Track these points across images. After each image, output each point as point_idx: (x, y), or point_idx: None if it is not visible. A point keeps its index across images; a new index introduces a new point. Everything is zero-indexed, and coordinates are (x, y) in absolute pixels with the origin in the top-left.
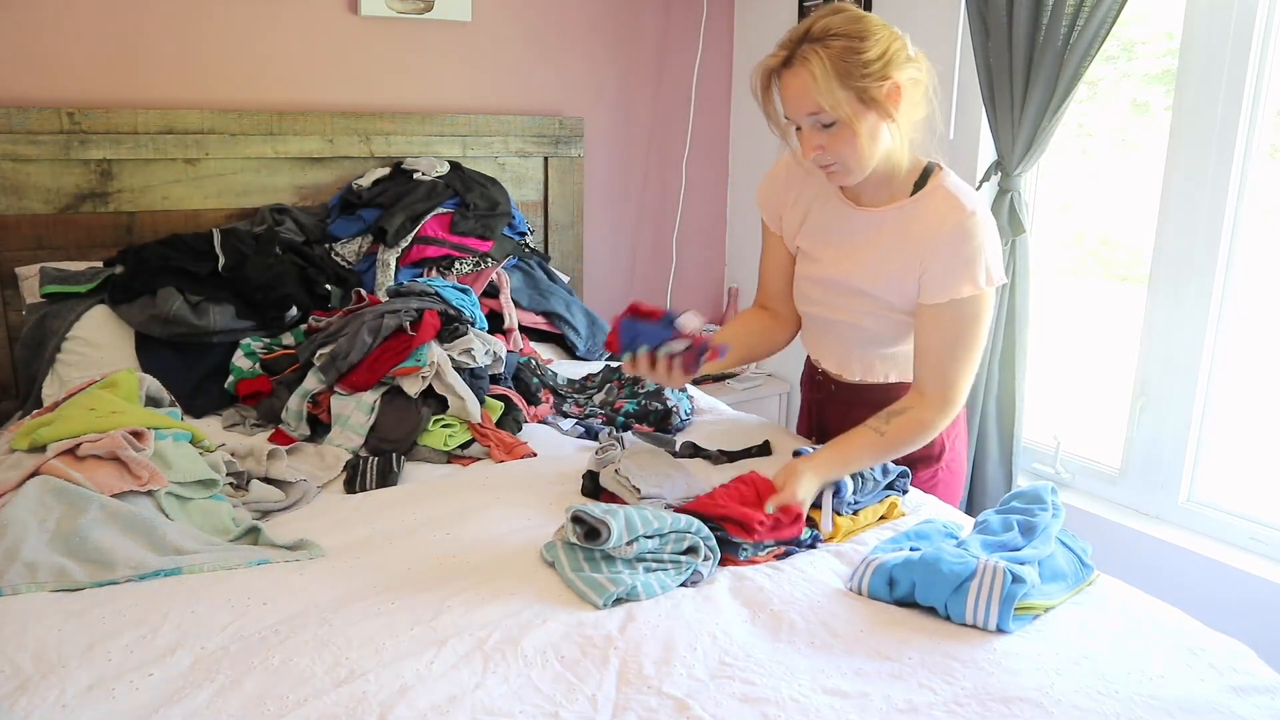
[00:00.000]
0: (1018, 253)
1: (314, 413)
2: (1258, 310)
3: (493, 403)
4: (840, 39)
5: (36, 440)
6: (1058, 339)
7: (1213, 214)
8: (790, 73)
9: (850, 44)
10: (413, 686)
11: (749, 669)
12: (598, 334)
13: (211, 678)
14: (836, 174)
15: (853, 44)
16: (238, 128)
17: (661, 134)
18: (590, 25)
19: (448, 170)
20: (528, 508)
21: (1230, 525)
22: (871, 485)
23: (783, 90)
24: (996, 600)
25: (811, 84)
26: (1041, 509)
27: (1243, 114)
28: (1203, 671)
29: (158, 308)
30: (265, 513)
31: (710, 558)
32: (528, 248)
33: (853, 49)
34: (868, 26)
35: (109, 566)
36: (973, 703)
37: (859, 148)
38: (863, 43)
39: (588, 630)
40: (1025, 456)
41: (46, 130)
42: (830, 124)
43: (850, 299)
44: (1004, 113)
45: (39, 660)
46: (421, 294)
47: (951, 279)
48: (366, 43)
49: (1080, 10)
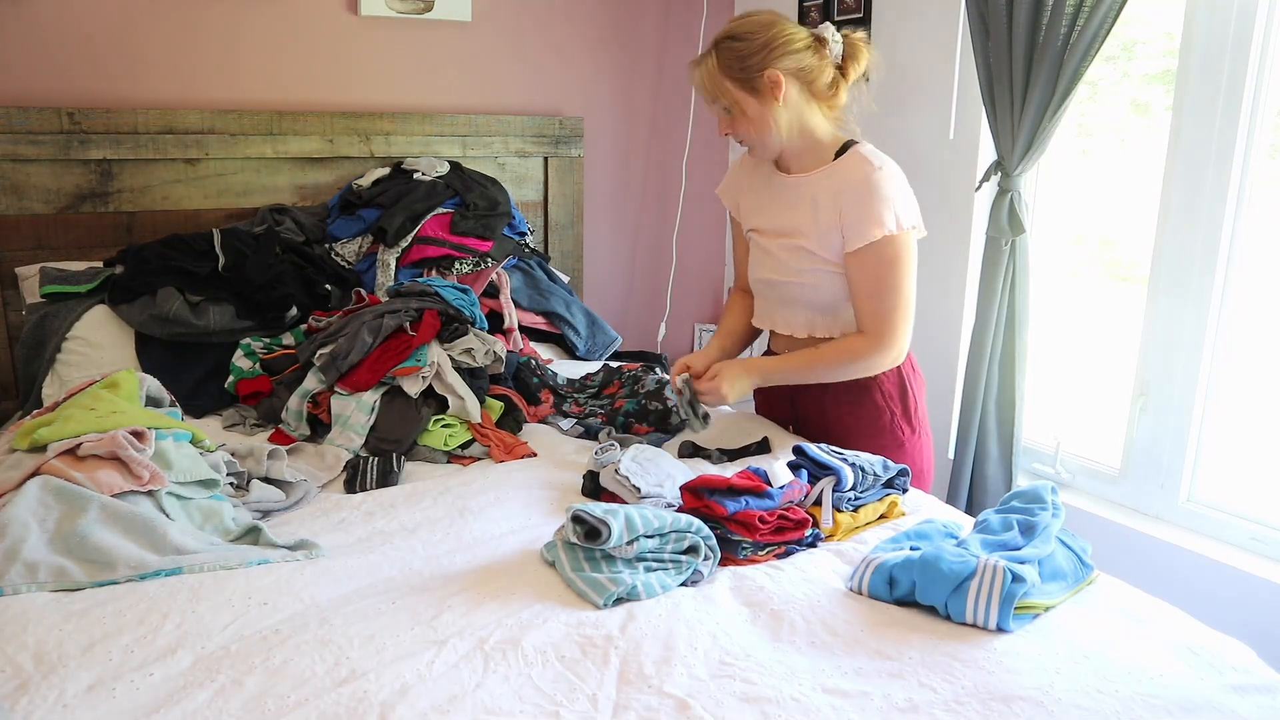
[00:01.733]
0: (1018, 253)
1: (314, 413)
2: (1258, 310)
3: (493, 403)
4: (729, 40)
5: (37, 440)
6: (1058, 339)
7: (1213, 214)
8: (694, 71)
9: (734, 44)
10: (413, 686)
11: (749, 668)
12: (598, 334)
13: (212, 677)
14: (755, 151)
15: (735, 44)
16: (238, 128)
17: (661, 134)
18: (590, 25)
19: (448, 170)
20: (528, 507)
21: (1230, 525)
22: (871, 481)
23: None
24: (997, 599)
25: (706, 78)
26: (1042, 508)
27: (1243, 114)
28: (1203, 671)
29: (158, 308)
30: (266, 513)
31: (711, 557)
32: (528, 248)
33: (734, 49)
34: (752, 28)
35: (109, 566)
36: (973, 702)
37: (756, 127)
38: (742, 43)
39: (588, 630)
40: (1025, 456)
41: (46, 130)
42: (728, 109)
43: (791, 256)
44: (1004, 113)
45: (40, 660)
46: (421, 294)
47: (865, 224)
48: (366, 43)
49: (1080, 10)
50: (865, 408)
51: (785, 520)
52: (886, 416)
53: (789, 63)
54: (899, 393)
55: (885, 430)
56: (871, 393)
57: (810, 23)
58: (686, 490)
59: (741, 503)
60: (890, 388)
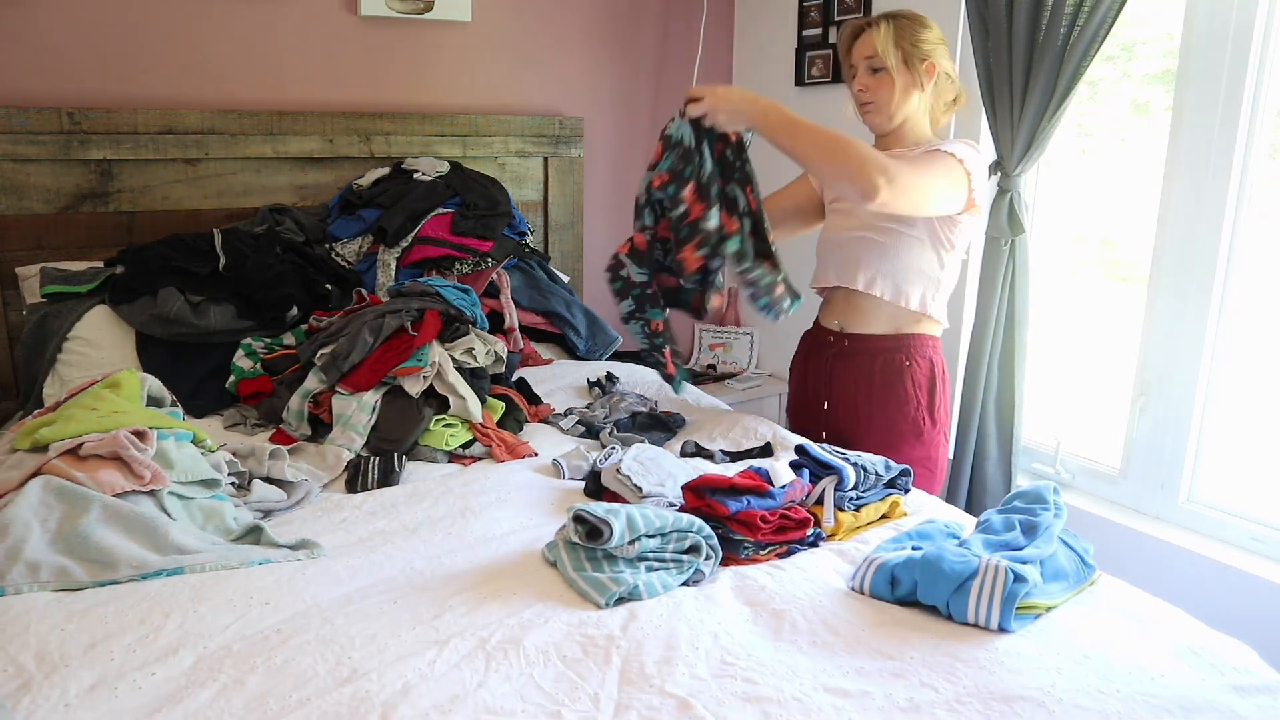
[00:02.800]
0: (1017, 253)
1: (315, 412)
2: (1257, 310)
3: (494, 402)
4: (906, 19)
5: (38, 440)
6: (1058, 339)
7: (1213, 214)
8: (867, 29)
9: (912, 24)
10: (415, 686)
11: (751, 668)
12: (598, 334)
13: (214, 677)
14: (870, 113)
15: (914, 24)
16: (238, 128)
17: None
18: (590, 25)
19: (448, 170)
20: (529, 507)
21: (1230, 525)
22: (873, 481)
23: (857, 41)
24: (998, 599)
25: (876, 36)
26: (1044, 509)
27: (1243, 114)
28: (1204, 671)
29: (158, 308)
30: (267, 512)
31: (712, 557)
32: (528, 248)
33: (913, 26)
34: (928, 22)
35: (111, 566)
36: (974, 701)
37: (891, 94)
38: (922, 28)
39: (590, 629)
40: (1025, 456)
41: (46, 130)
42: (878, 69)
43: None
44: (1004, 113)
45: (41, 659)
46: (422, 294)
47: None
48: (366, 43)
49: (1080, 10)
50: (896, 392)
51: (787, 520)
52: (913, 404)
53: (945, 64)
54: (928, 384)
55: (909, 417)
56: (904, 380)
57: (810, 22)
58: (688, 490)
59: (743, 502)
60: (921, 378)
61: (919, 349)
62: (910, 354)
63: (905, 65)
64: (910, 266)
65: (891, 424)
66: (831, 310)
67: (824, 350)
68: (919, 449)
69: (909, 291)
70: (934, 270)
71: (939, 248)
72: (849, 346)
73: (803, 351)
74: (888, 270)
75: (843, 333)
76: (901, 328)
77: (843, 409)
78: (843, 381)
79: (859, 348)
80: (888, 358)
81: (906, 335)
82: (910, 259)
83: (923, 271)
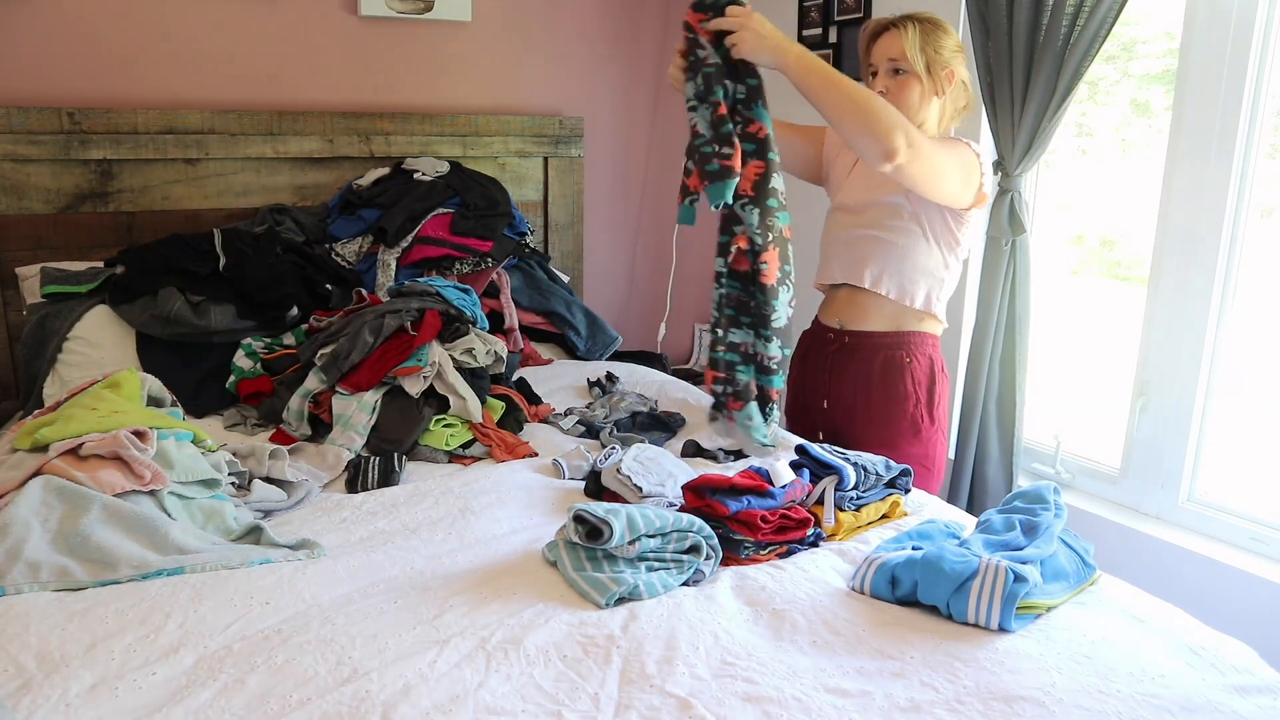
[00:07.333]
0: (1018, 253)
1: (315, 412)
2: (1258, 310)
3: (494, 402)
4: (931, 24)
5: (39, 440)
6: (1058, 339)
7: (1213, 214)
8: (891, 30)
9: (936, 29)
10: (415, 685)
11: (751, 668)
12: (598, 334)
13: (215, 677)
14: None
15: (938, 30)
16: (238, 128)
17: (661, 134)
18: (590, 25)
19: (448, 170)
20: (529, 507)
21: (1230, 525)
22: (873, 481)
23: (879, 40)
24: (999, 599)
25: (902, 38)
26: (1044, 509)
27: (1243, 114)
28: (1204, 671)
29: (159, 308)
30: (267, 512)
31: (712, 556)
32: (528, 248)
33: (937, 33)
34: (950, 30)
35: (111, 566)
36: (975, 701)
37: (910, 97)
38: (945, 34)
39: (590, 629)
40: (1025, 456)
41: (46, 130)
42: (899, 72)
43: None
44: (1004, 113)
45: (42, 659)
46: (422, 294)
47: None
48: (366, 43)
49: (1080, 10)
50: (895, 390)
51: (787, 519)
52: (912, 402)
53: (962, 72)
54: (928, 383)
55: (908, 415)
56: (904, 377)
57: (810, 22)
58: (688, 489)
59: (743, 502)
60: (921, 376)
61: (919, 347)
62: (911, 351)
63: (926, 71)
64: (917, 265)
65: (890, 421)
66: (832, 308)
67: (824, 348)
68: (917, 446)
69: (914, 290)
70: (939, 269)
71: (945, 247)
72: (849, 344)
73: (801, 350)
74: (894, 268)
75: (843, 330)
76: (903, 325)
77: (842, 406)
78: (842, 378)
79: (859, 345)
80: (888, 354)
81: (907, 333)
82: (917, 257)
83: (928, 270)
